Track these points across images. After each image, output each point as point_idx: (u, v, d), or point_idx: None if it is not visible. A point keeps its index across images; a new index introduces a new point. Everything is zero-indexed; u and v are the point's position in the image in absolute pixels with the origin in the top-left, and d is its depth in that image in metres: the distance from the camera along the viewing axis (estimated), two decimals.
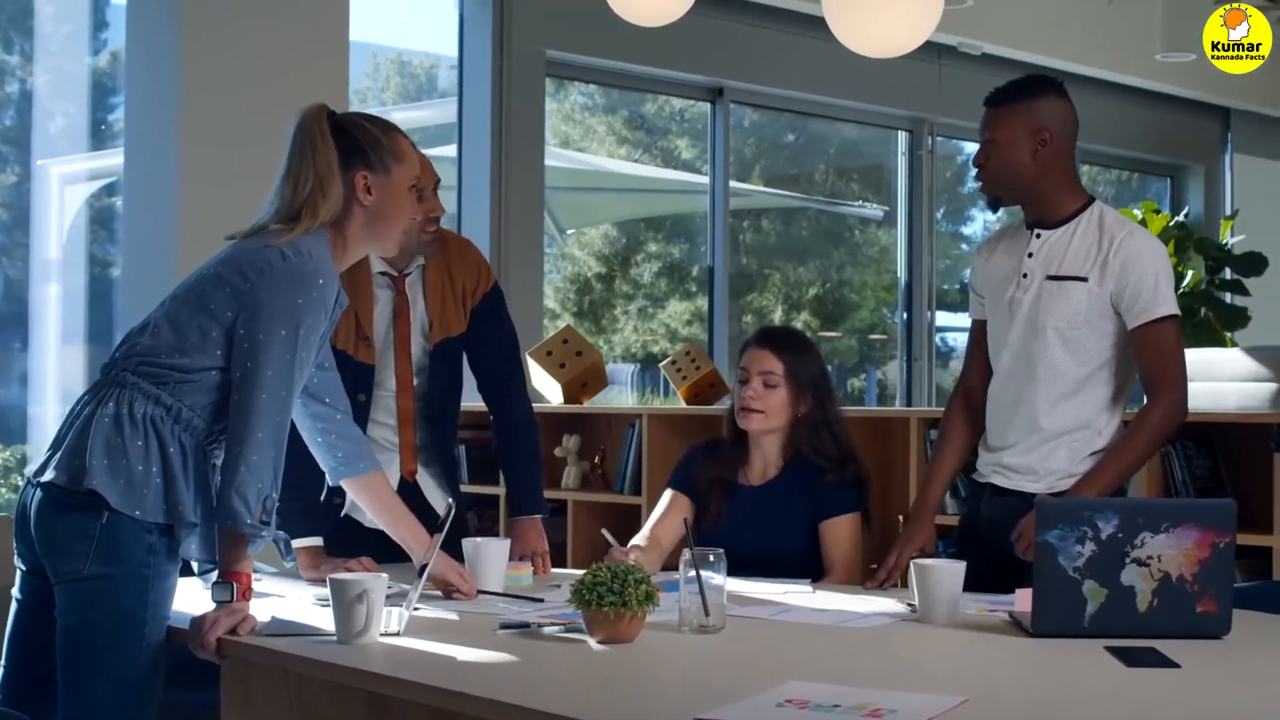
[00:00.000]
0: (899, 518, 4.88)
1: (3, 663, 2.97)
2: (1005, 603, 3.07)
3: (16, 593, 2.96)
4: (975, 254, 3.78)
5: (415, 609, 2.87)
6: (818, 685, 2.31)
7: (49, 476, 2.81)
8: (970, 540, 3.60)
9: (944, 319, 9.88)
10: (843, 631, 2.91)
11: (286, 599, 3.22)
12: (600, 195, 9.53)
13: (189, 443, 2.85)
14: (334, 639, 2.71)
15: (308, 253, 2.88)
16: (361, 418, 3.55)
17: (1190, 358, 3.54)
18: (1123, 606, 2.72)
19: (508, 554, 3.45)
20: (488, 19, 7.47)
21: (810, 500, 3.73)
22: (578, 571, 3.67)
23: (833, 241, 10.16)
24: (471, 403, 3.91)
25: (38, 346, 6.54)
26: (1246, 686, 2.46)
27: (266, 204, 2.99)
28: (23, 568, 2.93)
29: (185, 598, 2.97)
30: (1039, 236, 3.50)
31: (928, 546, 3.60)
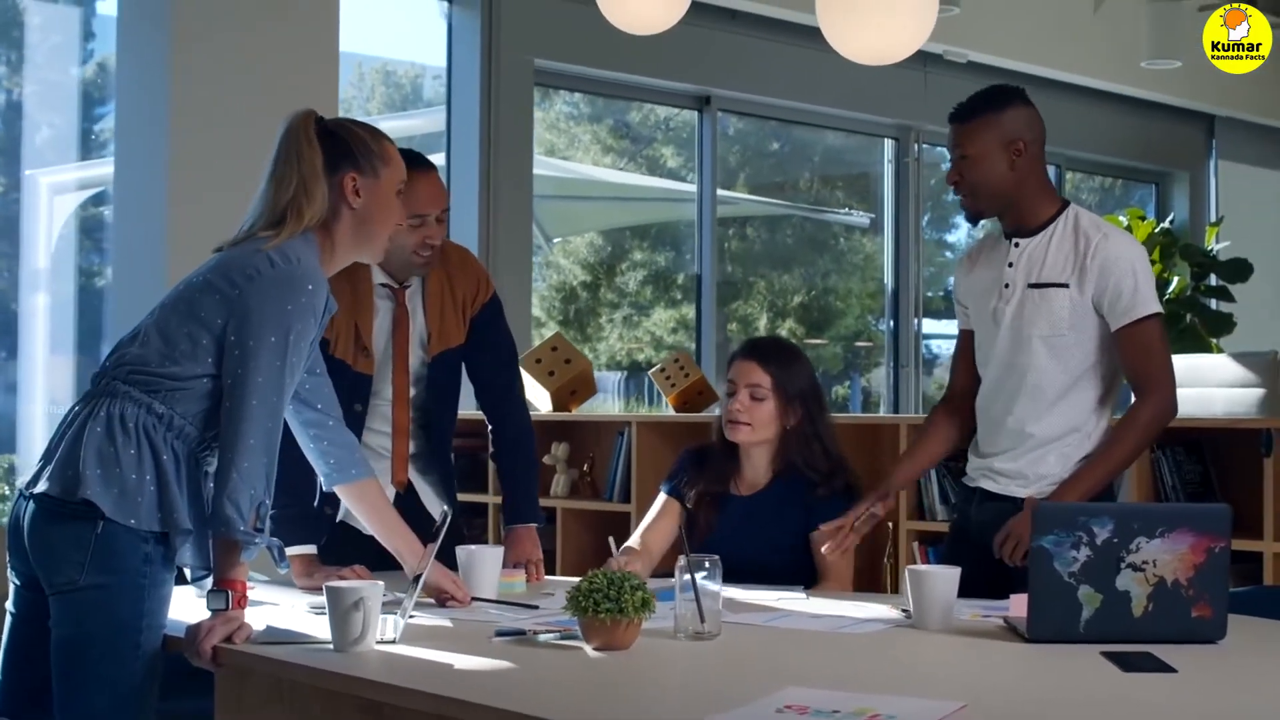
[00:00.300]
0: (889, 524, 4.89)
1: None
2: (1000, 608, 3.07)
3: (10, 606, 2.94)
4: (958, 266, 3.77)
5: (411, 617, 2.86)
6: (816, 691, 2.31)
7: (42, 488, 2.80)
8: (961, 545, 3.61)
9: (930, 326, 9.90)
10: (838, 637, 2.91)
11: (280, 607, 3.21)
12: (585, 204, 9.53)
13: (182, 450, 2.84)
14: (330, 647, 2.71)
15: (296, 258, 2.87)
16: (357, 426, 3.55)
17: (1177, 364, 3.55)
18: (1118, 612, 2.72)
19: (501, 561, 3.46)
20: (476, 28, 7.47)
21: (801, 511, 3.73)
22: (569, 579, 3.68)
23: (817, 249, 10.17)
24: (460, 411, 3.91)
25: (26, 356, 6.52)
26: (1243, 691, 2.46)
27: (251, 208, 2.97)
28: (16, 582, 2.91)
29: (181, 606, 2.96)
30: (1018, 245, 3.51)
31: (876, 510, 3.59)
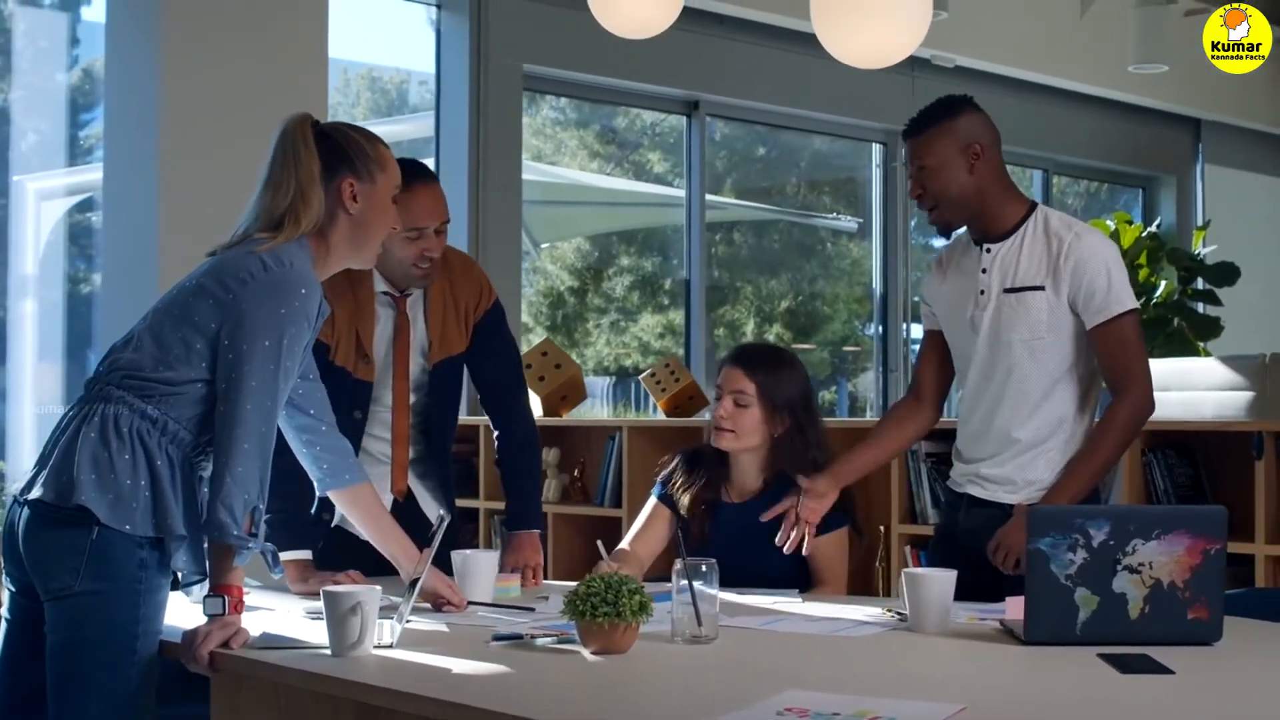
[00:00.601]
0: (880, 528, 4.90)
1: None
2: (995, 611, 3.07)
3: (5, 613, 2.93)
4: (929, 273, 3.76)
5: (408, 622, 2.86)
6: (816, 694, 2.31)
7: (36, 494, 2.79)
8: (948, 549, 3.60)
9: (919, 331, 9.87)
10: (835, 641, 2.91)
11: (276, 612, 3.20)
12: (573, 209, 9.52)
13: (176, 455, 2.83)
14: (327, 652, 2.70)
15: (289, 261, 2.86)
16: (356, 433, 3.54)
17: (1166, 367, 3.55)
18: (1114, 614, 2.72)
19: (497, 566, 3.46)
20: (465, 33, 7.46)
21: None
22: (561, 583, 3.67)
23: (805, 254, 10.17)
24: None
25: (14, 362, 6.50)
26: (1240, 692, 2.47)
27: (246, 211, 2.96)
28: (12, 588, 2.90)
29: (177, 611, 2.95)
30: (989, 251, 3.50)
31: (825, 493, 3.62)
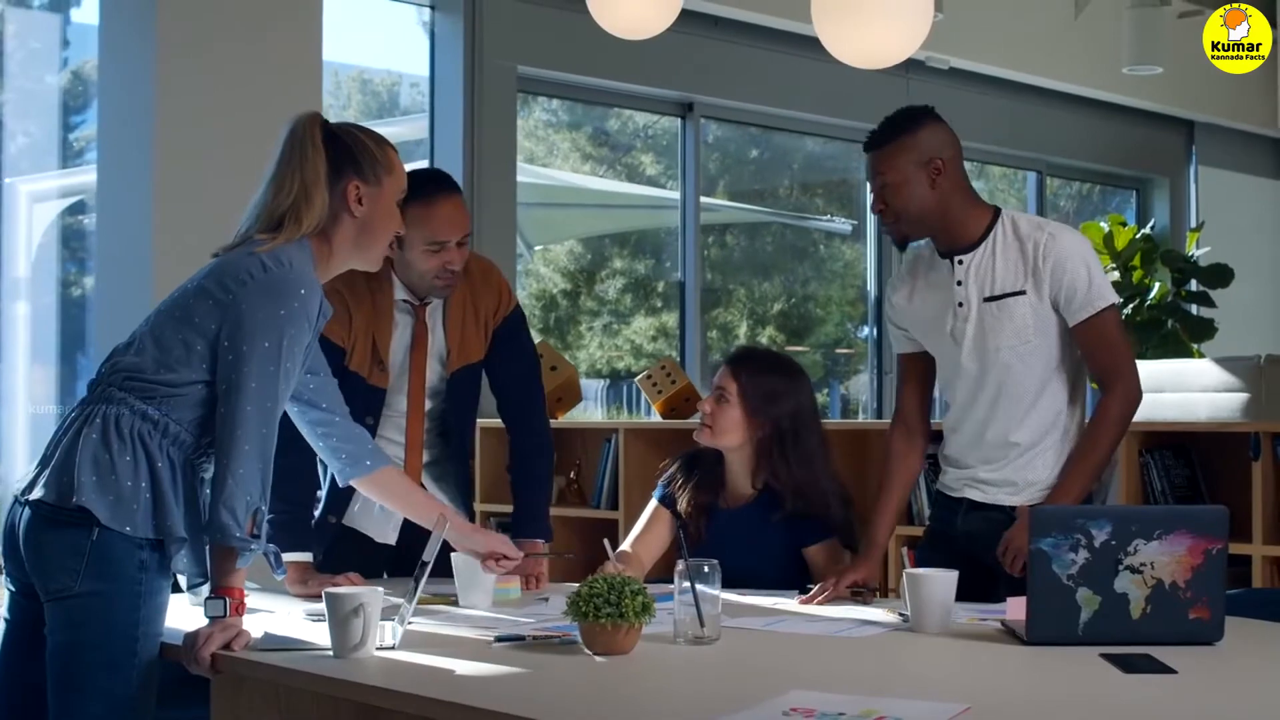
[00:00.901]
0: None
1: None
2: (996, 611, 3.08)
3: (5, 614, 2.93)
4: (891, 294, 3.66)
5: (410, 623, 2.85)
6: (821, 694, 2.31)
7: (37, 494, 2.78)
8: (943, 551, 3.58)
9: None
10: (838, 641, 2.91)
11: (277, 614, 3.20)
12: (566, 211, 9.50)
13: (177, 457, 2.82)
14: (329, 653, 2.70)
15: (288, 262, 2.85)
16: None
17: (1161, 369, 3.55)
18: (1116, 614, 2.73)
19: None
20: (459, 35, 7.45)
21: (784, 528, 3.70)
22: (558, 585, 3.67)
23: (798, 256, 10.16)
24: None
25: (7, 365, 6.48)
26: (1243, 691, 2.48)
27: (249, 209, 2.95)
28: (12, 589, 2.90)
29: (178, 613, 2.94)
30: (960, 262, 3.47)
31: (869, 581, 3.54)
